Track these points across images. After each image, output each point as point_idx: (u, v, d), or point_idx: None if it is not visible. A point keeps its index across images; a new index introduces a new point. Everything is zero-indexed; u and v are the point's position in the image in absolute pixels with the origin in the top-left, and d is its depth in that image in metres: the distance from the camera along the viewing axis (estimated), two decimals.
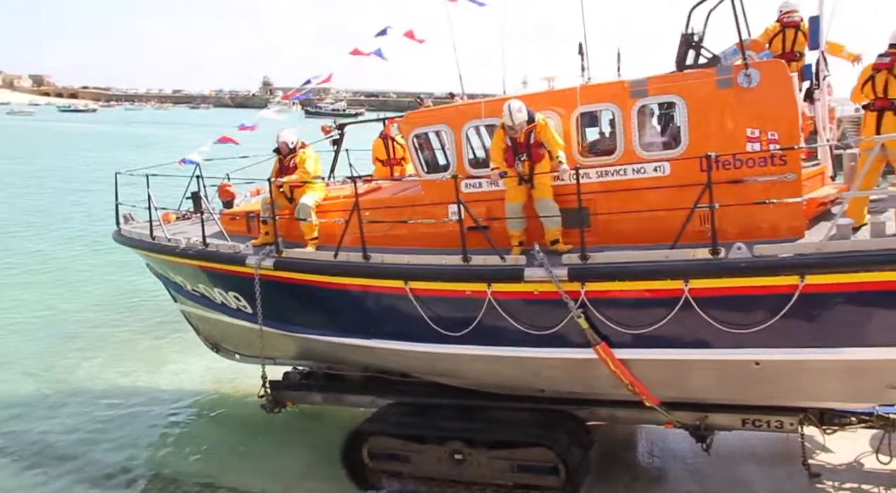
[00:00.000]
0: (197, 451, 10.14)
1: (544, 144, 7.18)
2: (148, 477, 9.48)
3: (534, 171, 7.27)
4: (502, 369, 7.86)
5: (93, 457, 10.01)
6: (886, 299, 5.90)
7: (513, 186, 7.39)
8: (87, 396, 12.13)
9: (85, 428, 10.93)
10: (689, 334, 6.63)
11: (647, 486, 8.17)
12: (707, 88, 6.67)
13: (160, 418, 11.40)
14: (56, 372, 13.11)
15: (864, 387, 6.37)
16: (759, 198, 6.42)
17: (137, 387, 12.53)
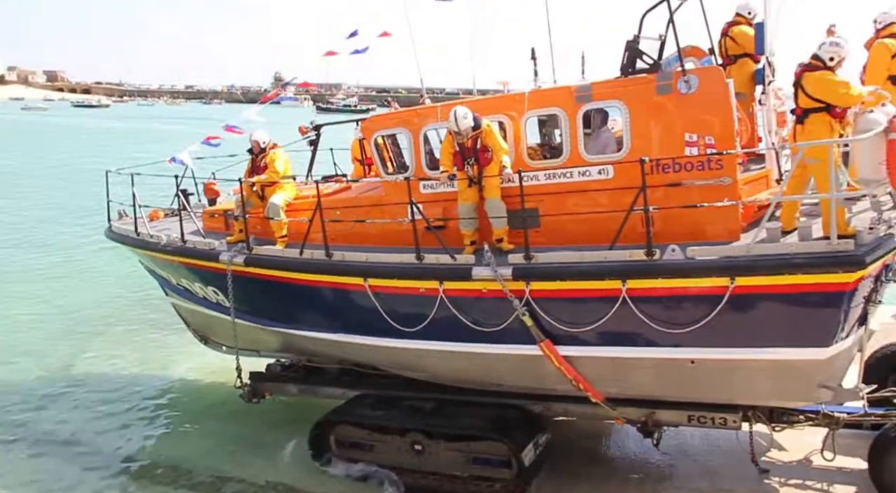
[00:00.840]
0: (207, 442, 10.27)
1: (490, 148, 7.44)
2: (161, 468, 9.61)
3: (482, 174, 7.52)
4: (456, 364, 8.17)
5: (102, 448, 10.26)
6: (811, 300, 6.11)
7: (464, 188, 7.67)
8: (93, 385, 12.46)
9: (92, 418, 11.21)
10: (628, 333, 6.89)
11: (657, 483, 8.24)
12: (648, 93, 6.89)
13: (170, 409, 11.58)
14: (67, 364, 13.44)
15: (795, 386, 6.57)
16: (698, 201, 6.65)
17: (145, 379, 12.77)
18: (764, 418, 7.68)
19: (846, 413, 7.72)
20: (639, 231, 6.83)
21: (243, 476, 9.12)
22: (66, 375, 13.01)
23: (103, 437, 10.57)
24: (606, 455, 9.31)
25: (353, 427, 9.17)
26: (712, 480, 8.18)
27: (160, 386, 12.49)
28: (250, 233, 9.55)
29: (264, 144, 9.58)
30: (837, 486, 7.72)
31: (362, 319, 8.49)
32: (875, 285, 6.37)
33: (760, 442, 8.28)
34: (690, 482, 8.23)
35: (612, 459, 8.48)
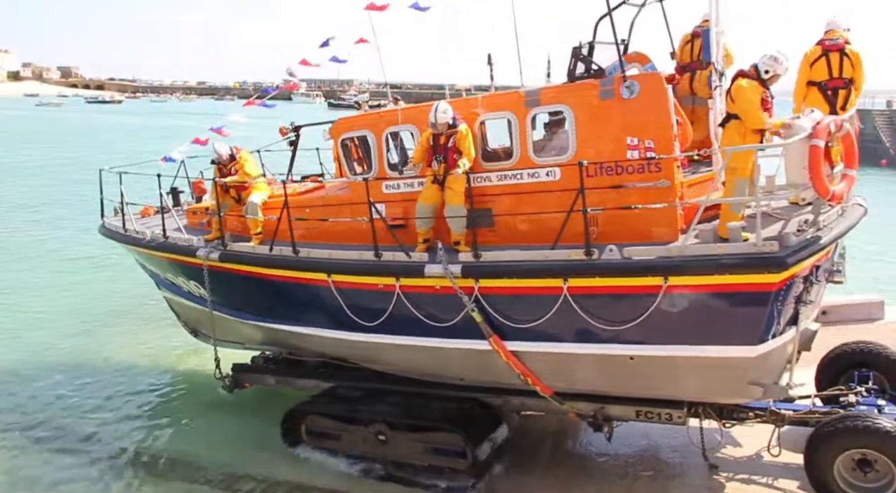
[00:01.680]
0: (217, 437, 10.38)
1: (461, 151, 7.76)
2: (172, 463, 9.74)
3: (447, 173, 7.84)
4: (415, 357, 8.56)
5: (112, 443, 10.39)
6: (739, 300, 6.39)
7: (428, 185, 7.98)
8: (101, 381, 12.69)
9: (101, 414, 11.39)
10: (570, 329, 7.21)
11: (667, 481, 8.34)
12: (592, 98, 7.18)
13: (179, 405, 11.76)
14: (75, 358, 13.69)
15: (727, 383, 6.86)
16: (638, 203, 6.95)
17: (154, 373, 13.02)
18: (714, 414, 7.97)
19: (792, 411, 7.99)
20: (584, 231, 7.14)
21: (256, 472, 9.25)
22: (72, 370, 13.20)
23: (113, 433, 10.77)
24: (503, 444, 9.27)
25: (322, 418, 9.62)
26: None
27: (168, 381, 12.76)
28: (233, 231, 10.06)
29: (227, 154, 10.03)
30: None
31: (327, 313, 8.91)
32: (805, 286, 6.62)
33: (718, 438, 8.51)
34: (700, 481, 8.22)
35: (619, 458, 8.64)
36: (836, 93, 7.50)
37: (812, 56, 7.60)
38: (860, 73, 7.50)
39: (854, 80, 7.51)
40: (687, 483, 8.20)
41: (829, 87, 7.51)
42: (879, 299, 12.41)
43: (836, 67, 7.46)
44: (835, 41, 7.52)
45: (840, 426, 6.98)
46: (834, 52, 7.49)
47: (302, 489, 8.82)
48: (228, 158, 9.97)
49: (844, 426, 6.94)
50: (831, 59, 7.48)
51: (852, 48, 7.51)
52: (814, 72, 7.59)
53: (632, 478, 8.40)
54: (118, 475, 9.54)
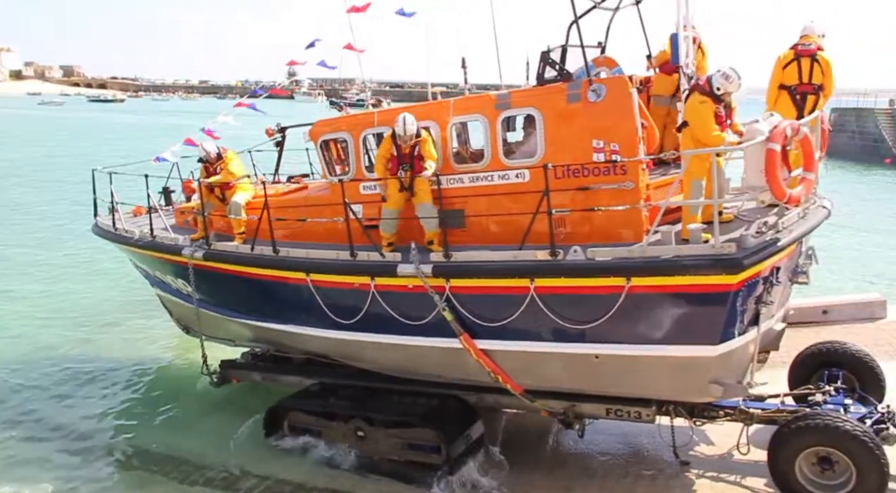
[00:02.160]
0: (218, 437, 10.42)
1: (424, 156, 7.98)
2: (171, 463, 9.81)
3: (413, 179, 8.07)
4: (390, 355, 8.79)
5: (113, 443, 10.54)
6: (698, 300, 6.58)
7: (394, 192, 8.21)
8: (103, 380, 12.87)
9: (103, 414, 11.54)
10: (538, 329, 7.41)
11: (668, 480, 8.42)
12: (560, 101, 7.38)
13: (179, 404, 11.79)
14: (69, 353, 14.05)
15: (689, 382, 7.04)
16: (604, 204, 7.14)
17: (157, 371, 13.22)
18: (685, 412, 8.15)
19: (761, 409, 8.16)
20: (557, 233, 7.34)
21: (257, 471, 9.32)
22: (68, 369, 13.34)
23: (113, 431, 10.91)
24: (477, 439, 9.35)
25: (304, 414, 9.88)
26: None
27: (168, 380, 12.90)
28: (219, 230, 10.31)
29: (214, 153, 10.26)
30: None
31: (307, 311, 9.14)
32: (766, 287, 6.79)
33: (690, 436, 8.74)
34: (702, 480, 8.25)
35: (623, 458, 8.73)
36: (805, 98, 7.66)
37: (784, 60, 7.78)
38: (830, 80, 7.66)
39: (824, 86, 7.67)
40: (689, 483, 8.31)
41: (799, 91, 7.69)
42: (882, 298, 12.41)
43: (805, 73, 7.63)
44: (807, 47, 7.69)
45: (801, 424, 7.15)
46: (805, 58, 7.66)
47: (304, 488, 8.90)
48: (216, 157, 10.19)
49: (805, 425, 7.11)
50: (802, 64, 7.66)
51: (823, 55, 7.67)
52: (785, 75, 7.76)
53: (633, 477, 8.50)
54: (117, 473, 9.68)
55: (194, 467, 9.60)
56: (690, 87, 7.00)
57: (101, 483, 9.43)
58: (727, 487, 8.13)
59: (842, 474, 7.01)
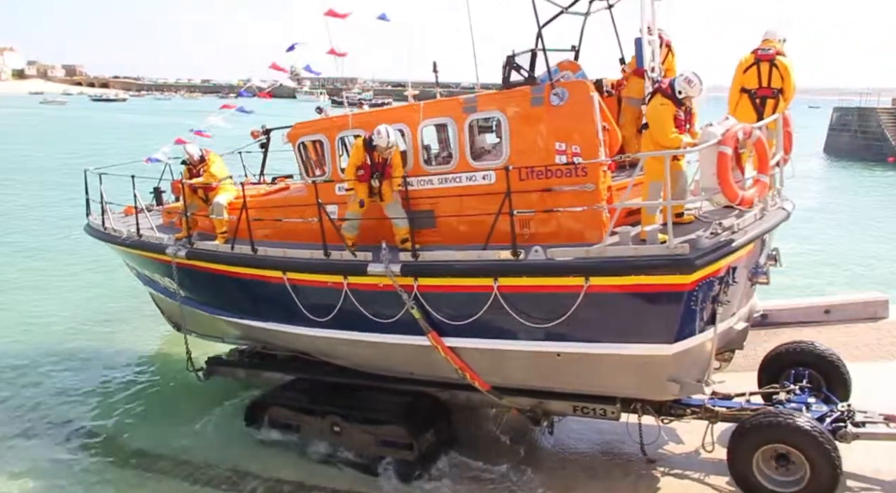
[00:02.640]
0: (220, 436, 10.54)
1: (394, 166, 8.25)
2: (174, 462, 9.89)
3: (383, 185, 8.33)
4: (363, 352, 9.05)
5: (116, 441, 10.63)
6: (654, 299, 6.79)
7: (365, 198, 8.41)
8: (100, 376, 13.11)
9: (106, 413, 11.64)
10: (502, 327, 7.63)
11: (671, 479, 8.50)
12: (524, 104, 7.60)
13: (182, 403, 11.89)
14: (69, 352, 14.20)
15: (647, 379, 7.25)
16: (566, 205, 7.35)
17: (160, 371, 13.34)
18: (652, 411, 8.35)
19: (725, 408, 8.36)
20: (522, 234, 7.57)
21: (259, 471, 9.42)
22: (69, 367, 13.54)
23: (115, 430, 11.02)
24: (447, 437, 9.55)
25: (283, 408, 10.17)
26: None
27: (170, 378, 12.97)
28: (204, 230, 10.59)
29: (198, 155, 10.55)
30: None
31: (284, 309, 9.39)
32: (722, 287, 6.98)
33: (664, 435, 9.00)
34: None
35: (623, 456, 8.90)
36: (765, 101, 7.86)
37: (745, 64, 7.98)
38: (789, 84, 7.85)
39: (784, 90, 7.86)
40: (655, 480, 8.49)
41: (758, 95, 7.89)
42: (884, 298, 12.42)
43: (765, 77, 7.82)
44: (766, 51, 7.89)
45: (758, 422, 7.35)
46: (764, 62, 7.86)
47: (305, 488, 8.98)
48: (199, 159, 10.47)
49: (761, 423, 7.31)
50: (762, 68, 7.85)
51: (782, 59, 7.86)
52: (746, 79, 7.97)
53: (636, 476, 8.61)
54: (120, 471, 9.77)
55: (195, 466, 9.73)
56: (653, 89, 7.21)
57: (102, 483, 9.51)
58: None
59: (797, 470, 7.21)
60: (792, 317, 12.27)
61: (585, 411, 8.25)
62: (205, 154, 10.58)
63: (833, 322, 12.11)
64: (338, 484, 8.95)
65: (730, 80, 8.34)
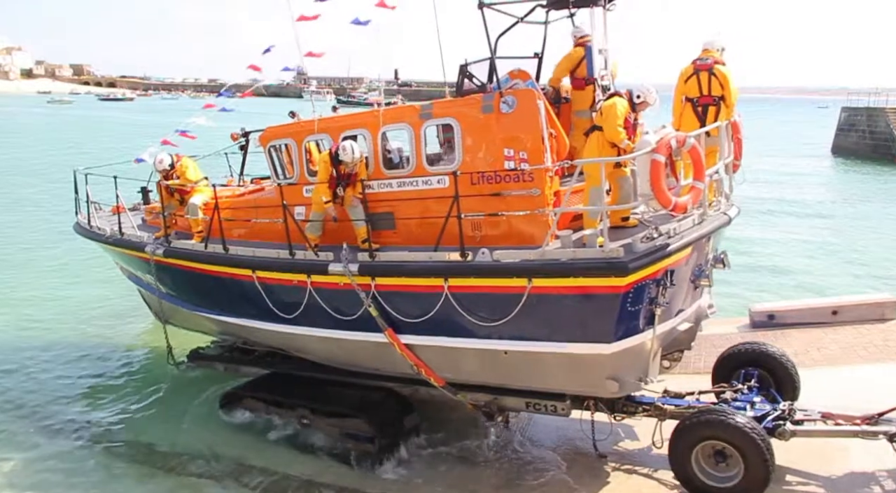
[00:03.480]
0: (225, 432, 10.64)
1: (359, 175, 8.70)
2: (179, 456, 10.07)
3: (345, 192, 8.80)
4: (328, 347, 9.50)
5: (125, 438, 10.78)
6: (592, 301, 7.17)
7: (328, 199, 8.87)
8: (102, 371, 13.36)
9: (112, 408, 11.88)
10: (452, 325, 8.04)
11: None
12: (475, 112, 8.00)
13: (186, 398, 11.97)
14: (71, 348, 14.51)
15: (587, 377, 7.63)
16: (514, 210, 7.75)
17: (159, 366, 13.28)
18: (605, 408, 8.72)
19: (674, 406, 8.72)
20: (468, 235, 7.99)
21: (264, 466, 9.54)
22: (71, 362, 13.83)
23: (119, 425, 11.21)
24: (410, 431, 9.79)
25: (256, 401, 10.72)
26: None
27: (174, 375, 12.96)
28: (185, 230, 11.10)
29: (170, 163, 11.08)
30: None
31: (254, 305, 9.88)
32: (660, 289, 7.34)
33: (621, 432, 9.39)
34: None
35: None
36: (707, 109, 8.23)
37: (686, 74, 8.38)
38: (728, 91, 8.23)
39: (724, 98, 8.24)
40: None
41: (700, 103, 8.27)
42: (893, 299, 12.51)
43: (705, 86, 8.21)
44: (704, 61, 8.28)
45: (696, 419, 7.70)
46: (703, 72, 8.24)
47: (311, 484, 9.11)
48: (169, 166, 11.00)
49: (700, 420, 7.66)
50: (701, 77, 8.24)
51: (721, 68, 8.24)
52: (687, 88, 8.36)
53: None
54: (126, 467, 9.97)
55: (202, 460, 9.90)
56: (612, 93, 7.58)
57: (110, 478, 9.67)
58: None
59: (734, 466, 7.55)
60: (799, 318, 12.45)
61: (537, 407, 8.63)
62: (175, 160, 11.07)
63: (841, 323, 12.09)
64: (346, 482, 9.06)
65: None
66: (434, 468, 9.27)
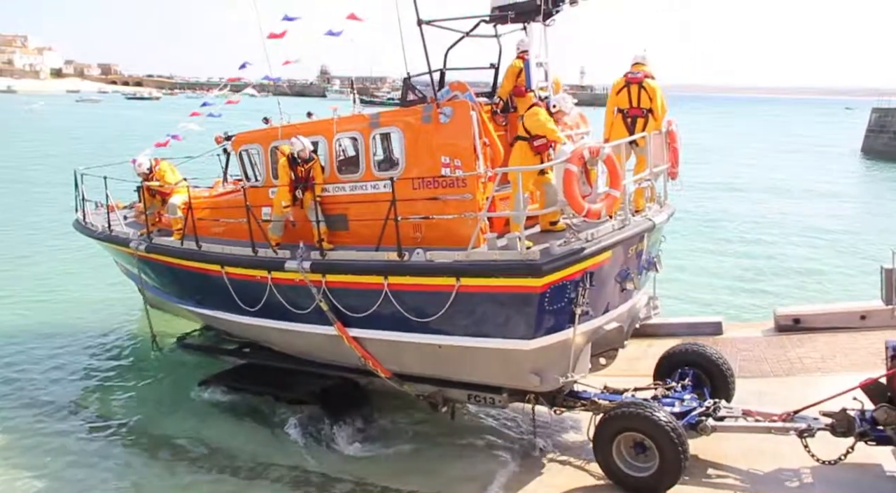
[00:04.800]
0: (247, 428, 10.82)
1: (315, 177, 9.49)
2: (196, 451, 10.22)
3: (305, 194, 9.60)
4: (286, 339, 10.36)
5: (138, 430, 11.01)
6: (512, 300, 7.83)
7: (287, 204, 9.72)
8: (131, 365, 13.77)
9: (131, 401, 12.19)
10: (393, 319, 8.76)
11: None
12: (416, 121, 8.72)
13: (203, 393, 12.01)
14: (88, 339, 15.06)
15: (512, 371, 8.27)
16: (452, 213, 8.45)
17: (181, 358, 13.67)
18: (545, 401, 9.34)
19: (608, 401, 9.31)
20: (411, 236, 8.72)
21: (285, 461, 9.69)
22: (86, 355, 14.30)
23: (143, 419, 11.43)
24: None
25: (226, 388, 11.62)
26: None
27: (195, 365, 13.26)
28: (167, 227, 12.08)
29: (149, 167, 12.06)
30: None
31: (223, 298, 10.76)
32: (580, 290, 7.94)
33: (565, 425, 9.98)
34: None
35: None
36: (635, 120, 8.84)
37: (617, 86, 8.99)
38: (657, 104, 8.82)
39: (652, 110, 8.83)
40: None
41: (629, 115, 8.87)
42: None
43: (634, 98, 8.81)
44: (635, 75, 8.89)
45: (618, 412, 8.30)
46: (634, 85, 8.84)
47: (331, 479, 9.23)
48: (148, 170, 11.98)
49: (621, 413, 8.26)
50: (631, 90, 8.84)
51: (650, 82, 8.84)
52: (618, 100, 8.97)
53: (573, 466, 9.14)
54: (148, 460, 10.12)
55: (222, 455, 10.06)
56: (532, 103, 8.26)
57: (131, 472, 9.83)
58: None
59: (652, 458, 8.12)
60: (827, 322, 12.37)
61: (477, 399, 9.28)
62: (154, 164, 12.05)
63: (870, 328, 11.92)
64: (369, 478, 9.20)
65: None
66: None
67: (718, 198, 35.07)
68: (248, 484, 9.33)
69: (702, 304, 17.24)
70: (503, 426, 10.64)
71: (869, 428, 7.70)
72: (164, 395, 12.57)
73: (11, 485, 9.53)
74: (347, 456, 9.78)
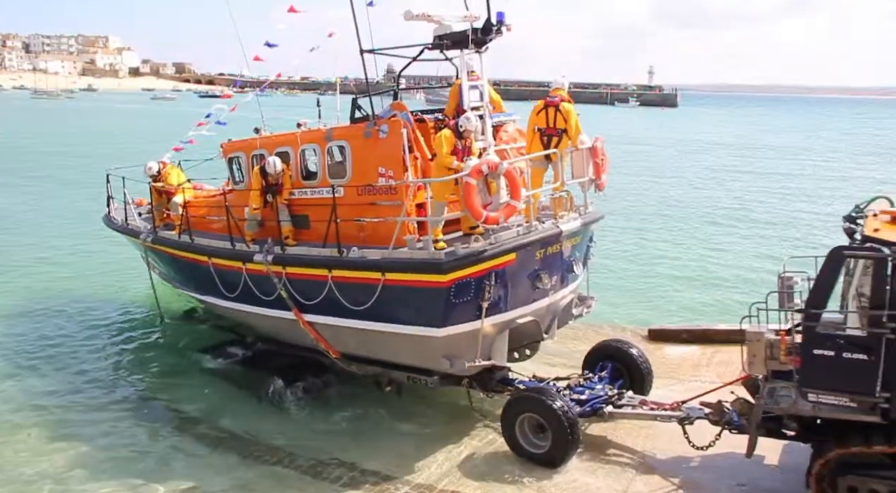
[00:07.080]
0: (308, 425, 11.10)
1: (284, 184, 11.27)
2: (258, 445, 10.51)
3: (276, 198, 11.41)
4: (261, 322, 12.20)
5: (201, 425, 11.34)
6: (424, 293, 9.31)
7: (260, 205, 11.54)
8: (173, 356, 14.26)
9: (186, 393, 12.56)
10: (336, 307, 10.40)
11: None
12: (360, 136, 10.36)
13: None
14: (133, 324, 16.11)
15: (428, 355, 9.72)
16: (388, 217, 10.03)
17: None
18: (479, 386, 10.76)
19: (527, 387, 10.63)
20: (357, 235, 10.36)
21: (345, 459, 9.95)
22: (131, 344, 15.03)
23: (198, 410, 11.80)
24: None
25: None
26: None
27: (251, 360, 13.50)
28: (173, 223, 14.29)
29: (157, 169, 14.26)
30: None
31: (211, 285, 12.77)
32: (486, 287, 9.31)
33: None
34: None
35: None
36: (550, 139, 10.15)
37: (537, 108, 10.32)
38: (571, 125, 10.10)
39: (567, 130, 10.13)
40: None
41: (546, 133, 10.19)
42: None
43: (551, 119, 10.12)
44: (552, 99, 10.20)
45: (520, 396, 9.66)
46: (551, 107, 10.16)
47: (389, 479, 9.35)
48: (157, 172, 14.20)
49: (522, 397, 9.62)
50: (549, 112, 10.16)
51: (566, 105, 10.13)
52: (537, 120, 10.29)
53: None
54: (210, 454, 10.32)
55: (283, 453, 10.24)
56: (443, 124, 9.74)
57: (191, 465, 9.97)
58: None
59: (548, 438, 9.41)
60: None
61: (413, 380, 10.75)
62: (161, 167, 14.26)
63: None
64: (426, 479, 9.37)
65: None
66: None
67: None
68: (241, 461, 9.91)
69: None
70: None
71: (734, 418, 8.75)
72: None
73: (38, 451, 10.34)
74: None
